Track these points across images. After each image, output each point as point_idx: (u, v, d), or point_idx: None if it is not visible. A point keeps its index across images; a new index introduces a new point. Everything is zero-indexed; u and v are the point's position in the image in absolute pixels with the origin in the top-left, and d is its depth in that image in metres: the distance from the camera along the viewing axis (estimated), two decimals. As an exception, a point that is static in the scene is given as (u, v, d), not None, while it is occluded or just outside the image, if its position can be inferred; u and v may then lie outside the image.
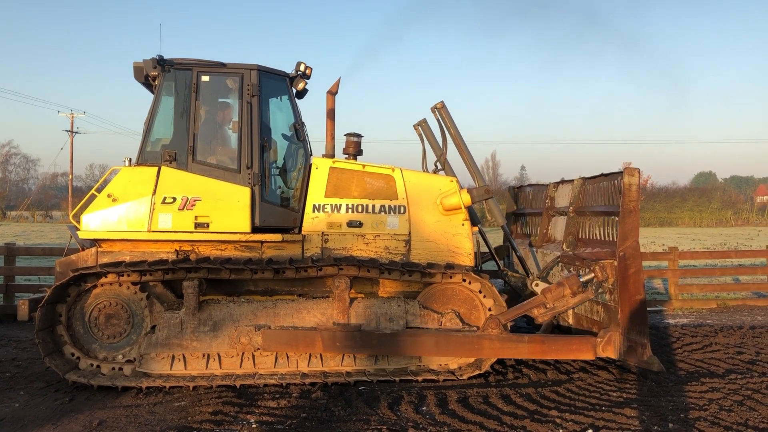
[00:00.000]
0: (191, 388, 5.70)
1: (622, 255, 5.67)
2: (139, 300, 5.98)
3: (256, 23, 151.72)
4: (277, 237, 6.28)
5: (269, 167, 6.54)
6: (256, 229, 6.24)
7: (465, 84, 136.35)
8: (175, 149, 6.25)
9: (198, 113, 6.35)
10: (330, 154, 6.78)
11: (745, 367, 6.47)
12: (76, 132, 50.49)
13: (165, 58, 6.33)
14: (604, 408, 5.12)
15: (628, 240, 5.69)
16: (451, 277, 6.25)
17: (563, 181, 7.65)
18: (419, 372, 6.08)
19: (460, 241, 6.59)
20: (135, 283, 5.95)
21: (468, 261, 6.55)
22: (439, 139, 7.30)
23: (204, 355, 5.94)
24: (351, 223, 6.48)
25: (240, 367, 5.94)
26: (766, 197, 64.01)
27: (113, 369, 5.88)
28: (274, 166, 6.73)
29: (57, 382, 5.90)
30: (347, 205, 6.51)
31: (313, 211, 6.48)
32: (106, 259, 6.12)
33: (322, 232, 6.45)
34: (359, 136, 6.99)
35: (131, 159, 6.30)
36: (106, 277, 5.87)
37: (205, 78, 6.38)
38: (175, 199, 6.12)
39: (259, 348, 5.85)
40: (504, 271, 7.37)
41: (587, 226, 6.73)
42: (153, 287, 6.13)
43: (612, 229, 6.11)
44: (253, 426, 4.77)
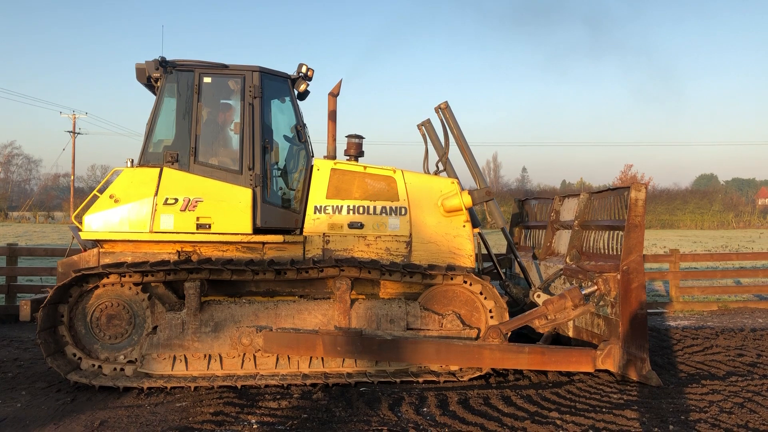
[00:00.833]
0: (192, 389, 5.71)
1: (626, 269, 5.68)
2: (140, 301, 6.00)
3: (257, 23, 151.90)
4: (279, 238, 6.29)
5: (271, 168, 6.55)
6: (257, 231, 6.26)
7: (465, 84, 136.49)
8: (177, 150, 6.27)
9: (200, 114, 6.37)
10: (331, 156, 6.80)
11: (746, 369, 6.47)
12: (78, 133, 50.75)
13: (167, 59, 6.36)
14: (604, 410, 5.12)
15: (632, 254, 5.70)
16: (452, 278, 6.25)
17: (569, 195, 7.63)
18: (420, 373, 6.08)
19: (461, 242, 6.60)
20: (137, 284, 5.97)
21: (469, 263, 6.56)
22: (442, 140, 7.31)
23: (205, 356, 5.95)
24: (352, 225, 6.50)
25: (241, 367, 5.95)
26: (767, 200, 63.92)
27: (115, 369, 5.90)
28: (276, 167, 6.74)
29: (59, 383, 5.91)
30: (348, 206, 6.52)
31: (315, 212, 6.49)
32: (108, 260, 6.14)
33: (324, 234, 6.47)
34: (360, 138, 7.01)
35: (133, 160, 6.32)
36: (108, 277, 5.90)
37: (207, 79, 6.40)
38: (177, 200, 6.14)
39: (261, 350, 5.87)
40: (506, 282, 7.33)
41: (591, 239, 6.69)
42: (155, 288, 6.14)
43: (616, 243, 6.09)
44: (254, 426, 4.78)
